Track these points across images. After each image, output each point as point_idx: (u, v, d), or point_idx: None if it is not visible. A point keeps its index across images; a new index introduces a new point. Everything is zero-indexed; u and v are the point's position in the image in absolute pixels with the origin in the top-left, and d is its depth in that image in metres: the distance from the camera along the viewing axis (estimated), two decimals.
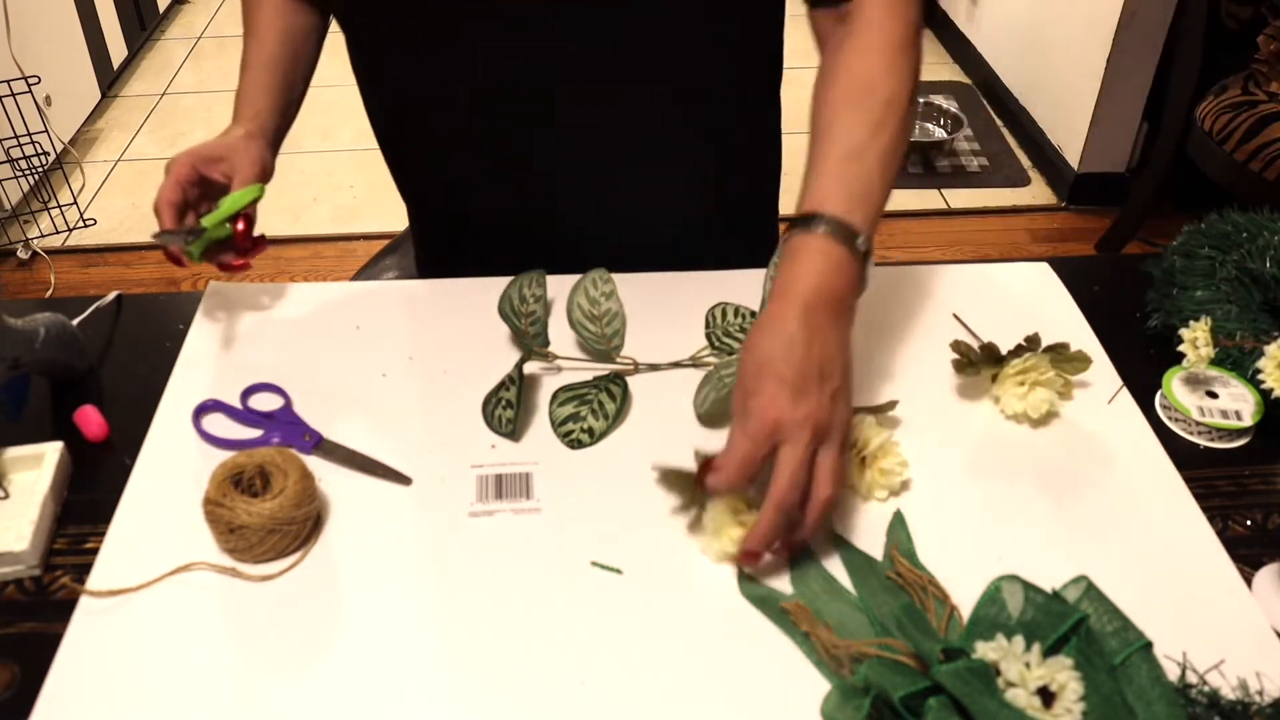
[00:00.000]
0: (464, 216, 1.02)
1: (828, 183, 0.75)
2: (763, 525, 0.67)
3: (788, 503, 0.67)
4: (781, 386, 0.67)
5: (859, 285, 0.74)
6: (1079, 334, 0.91)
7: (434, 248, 1.12)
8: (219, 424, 0.81)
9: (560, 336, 0.87)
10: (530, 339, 0.85)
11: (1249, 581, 0.70)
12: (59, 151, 2.60)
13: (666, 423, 0.82)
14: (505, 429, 0.80)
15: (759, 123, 1.03)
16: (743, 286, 0.93)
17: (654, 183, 0.97)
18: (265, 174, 0.92)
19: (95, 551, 0.71)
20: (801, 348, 0.69)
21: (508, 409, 0.81)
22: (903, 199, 2.65)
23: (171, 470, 0.77)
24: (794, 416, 0.67)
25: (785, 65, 1.00)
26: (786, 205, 1.06)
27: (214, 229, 0.87)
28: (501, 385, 0.82)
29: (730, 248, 1.00)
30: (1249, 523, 0.75)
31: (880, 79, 0.78)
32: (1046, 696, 0.57)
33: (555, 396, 0.83)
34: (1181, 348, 0.82)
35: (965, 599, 0.67)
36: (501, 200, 0.98)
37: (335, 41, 1.06)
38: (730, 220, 1.05)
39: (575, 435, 0.80)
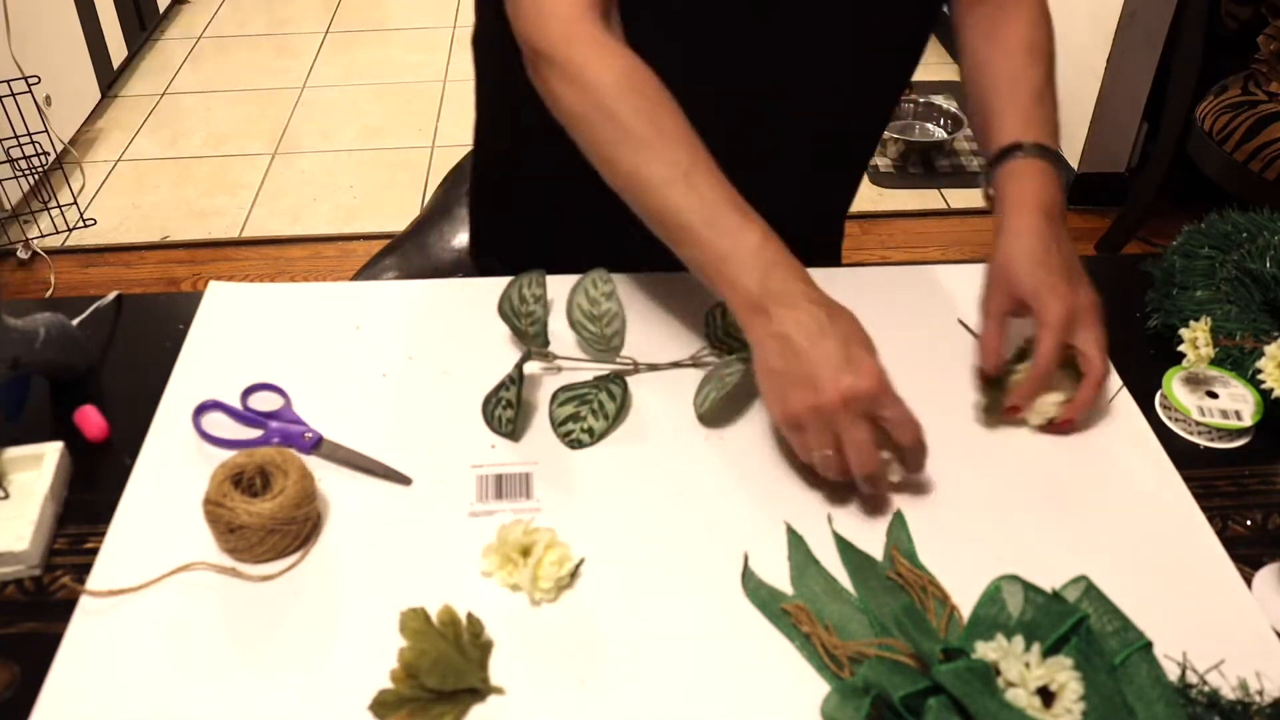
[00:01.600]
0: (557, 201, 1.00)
1: (1026, 119, 0.86)
2: (1086, 396, 0.78)
3: (1104, 376, 0.78)
4: (1061, 278, 0.78)
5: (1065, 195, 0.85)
6: None
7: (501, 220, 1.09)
8: (219, 424, 0.81)
9: (560, 336, 0.87)
10: (530, 339, 0.85)
11: (1249, 581, 0.70)
12: (59, 151, 2.59)
13: (667, 423, 0.82)
14: (505, 429, 0.80)
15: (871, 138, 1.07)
16: None
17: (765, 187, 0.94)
18: None
19: (95, 551, 0.71)
20: (1056, 247, 0.80)
21: (508, 409, 0.81)
22: (903, 199, 2.65)
23: (171, 470, 0.77)
24: (1081, 303, 0.78)
25: None
26: None
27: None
28: (501, 385, 0.82)
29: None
30: (1249, 523, 0.75)
31: (1041, 42, 0.93)
32: (1046, 696, 0.57)
33: (555, 396, 0.83)
34: (1181, 348, 0.82)
35: (965, 599, 0.67)
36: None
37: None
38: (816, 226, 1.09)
39: (575, 435, 0.80)
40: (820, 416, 0.70)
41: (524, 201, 1.07)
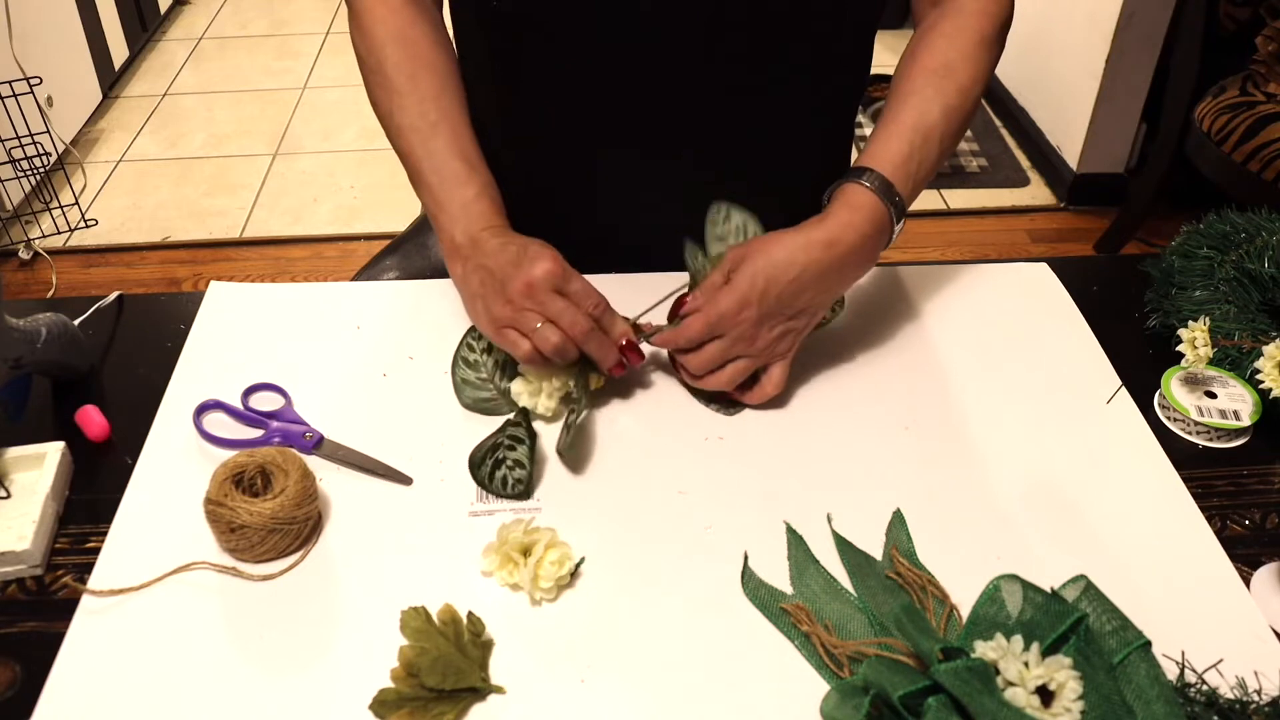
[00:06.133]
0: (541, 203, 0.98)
1: (891, 146, 0.82)
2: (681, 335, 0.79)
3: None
4: (759, 301, 0.77)
5: (885, 241, 0.82)
6: (1078, 334, 0.91)
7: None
8: (220, 423, 0.81)
9: None
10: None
11: (1247, 581, 0.70)
12: (60, 152, 2.60)
13: (666, 423, 0.82)
14: (514, 490, 0.75)
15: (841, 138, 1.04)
16: None
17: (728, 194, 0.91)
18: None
19: (97, 551, 0.72)
20: (797, 280, 0.77)
21: (515, 468, 0.76)
22: None
23: (172, 470, 0.78)
24: (764, 335, 0.78)
25: None
26: None
27: None
28: (501, 445, 0.77)
29: None
30: (1247, 522, 0.75)
31: (960, 65, 0.85)
32: (1045, 695, 0.57)
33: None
34: (1180, 348, 0.82)
35: (965, 599, 0.67)
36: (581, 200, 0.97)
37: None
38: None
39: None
40: (517, 308, 0.76)
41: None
